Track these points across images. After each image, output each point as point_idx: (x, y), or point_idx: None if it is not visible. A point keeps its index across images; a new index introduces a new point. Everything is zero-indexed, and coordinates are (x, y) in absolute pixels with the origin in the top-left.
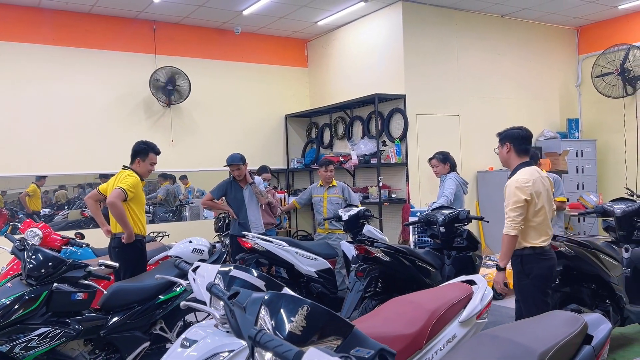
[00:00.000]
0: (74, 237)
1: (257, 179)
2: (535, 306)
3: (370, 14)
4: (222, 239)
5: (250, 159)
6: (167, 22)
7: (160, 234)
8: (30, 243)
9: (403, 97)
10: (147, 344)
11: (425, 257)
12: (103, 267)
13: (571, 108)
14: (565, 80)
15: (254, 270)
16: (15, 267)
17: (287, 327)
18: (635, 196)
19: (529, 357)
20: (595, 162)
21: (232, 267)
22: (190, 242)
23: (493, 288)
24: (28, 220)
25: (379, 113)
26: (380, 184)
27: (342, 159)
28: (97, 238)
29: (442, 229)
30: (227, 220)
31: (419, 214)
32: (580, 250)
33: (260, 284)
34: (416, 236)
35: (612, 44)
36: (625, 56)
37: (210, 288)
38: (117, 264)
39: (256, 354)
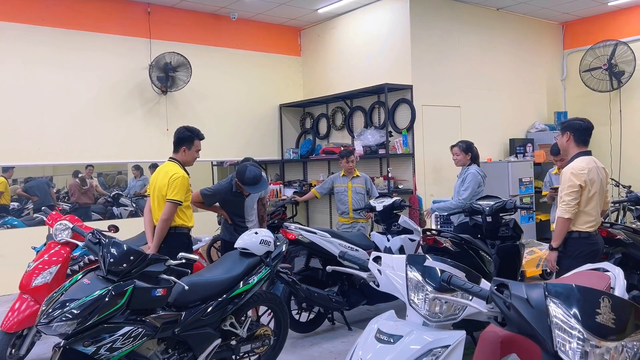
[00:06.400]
0: (108, 229)
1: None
2: None
3: (374, 2)
4: None
5: (244, 149)
6: (163, 5)
7: None
8: (107, 237)
9: (410, 87)
10: (218, 340)
11: (482, 246)
12: (184, 261)
13: (557, 101)
14: (551, 74)
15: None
16: (40, 265)
17: (597, 319)
18: (620, 186)
19: None
20: None
21: (426, 257)
22: (256, 233)
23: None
24: (54, 213)
25: (383, 104)
26: (390, 175)
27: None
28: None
29: (489, 219)
30: None
31: (434, 204)
32: (637, 238)
33: (460, 274)
34: (438, 225)
35: (597, 39)
36: (613, 52)
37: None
38: (197, 257)
39: (567, 345)
